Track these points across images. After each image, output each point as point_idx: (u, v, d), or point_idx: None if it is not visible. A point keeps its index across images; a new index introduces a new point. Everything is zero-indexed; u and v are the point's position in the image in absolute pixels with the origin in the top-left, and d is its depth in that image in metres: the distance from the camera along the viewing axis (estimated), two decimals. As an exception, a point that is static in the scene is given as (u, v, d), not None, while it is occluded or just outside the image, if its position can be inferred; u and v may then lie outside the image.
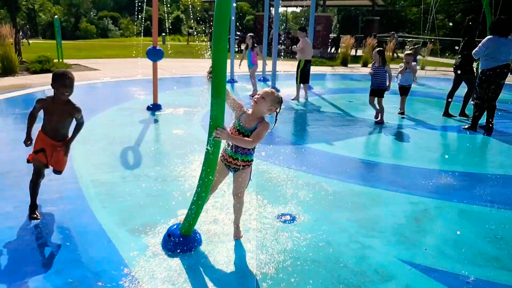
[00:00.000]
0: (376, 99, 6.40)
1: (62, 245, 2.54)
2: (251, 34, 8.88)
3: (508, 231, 2.96)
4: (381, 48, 6.72)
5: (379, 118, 6.47)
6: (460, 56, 6.86)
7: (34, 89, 8.43)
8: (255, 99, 2.46)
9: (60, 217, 2.92)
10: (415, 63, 7.21)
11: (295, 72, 8.40)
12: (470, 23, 6.72)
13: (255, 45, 8.49)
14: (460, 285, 2.29)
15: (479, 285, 2.30)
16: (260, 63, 8.95)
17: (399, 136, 6.02)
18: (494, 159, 5.06)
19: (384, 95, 6.39)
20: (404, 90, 7.09)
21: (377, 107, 6.44)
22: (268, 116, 2.54)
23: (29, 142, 2.88)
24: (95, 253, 2.46)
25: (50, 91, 2.93)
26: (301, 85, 8.38)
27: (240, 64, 8.82)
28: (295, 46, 8.43)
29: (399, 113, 7.09)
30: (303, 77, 8.31)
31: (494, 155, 5.26)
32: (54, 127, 2.90)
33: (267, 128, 2.44)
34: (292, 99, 8.25)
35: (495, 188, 3.84)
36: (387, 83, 6.33)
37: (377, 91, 6.36)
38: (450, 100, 7.13)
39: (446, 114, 7.21)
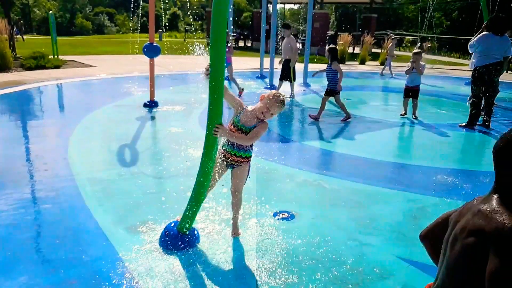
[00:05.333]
0: (332, 98, 6.27)
1: (58, 244, 2.51)
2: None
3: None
4: (333, 46, 6.40)
5: (344, 117, 6.33)
6: None
7: (28, 85, 8.34)
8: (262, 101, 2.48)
9: (56, 215, 2.89)
10: (423, 63, 6.66)
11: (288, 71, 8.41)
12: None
13: (228, 42, 8.44)
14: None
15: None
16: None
17: (396, 134, 6.03)
18: (491, 156, 5.07)
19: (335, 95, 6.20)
20: (408, 92, 6.64)
21: (342, 103, 6.29)
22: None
23: None
24: (92, 251, 2.43)
25: (45, 88, 2.87)
26: (294, 82, 8.45)
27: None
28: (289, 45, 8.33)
29: (401, 115, 6.73)
30: (286, 74, 8.32)
31: (491, 152, 5.27)
32: None
33: (266, 128, 2.46)
34: (288, 97, 8.29)
35: (491, 185, 3.85)
36: (338, 84, 6.10)
37: (329, 91, 6.22)
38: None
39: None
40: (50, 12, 13.64)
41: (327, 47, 6.28)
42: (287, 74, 8.32)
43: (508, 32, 5.97)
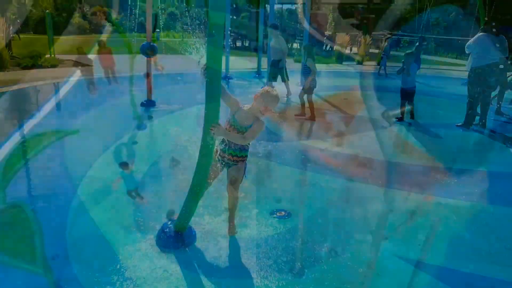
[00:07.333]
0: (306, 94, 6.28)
1: (55, 243, 2.51)
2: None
3: (501, 226, 3.00)
4: (309, 43, 6.47)
5: (300, 113, 6.33)
6: None
7: (25, 84, 8.30)
8: (255, 97, 2.48)
9: (53, 214, 2.88)
10: (415, 64, 6.46)
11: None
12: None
13: None
14: (454, 280, 2.31)
15: (472, 280, 2.32)
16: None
17: (393, 133, 6.04)
18: (487, 156, 5.12)
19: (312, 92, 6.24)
20: (403, 94, 6.48)
21: (303, 100, 6.31)
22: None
23: None
24: (89, 250, 2.43)
25: (42, 87, 2.86)
26: (289, 81, 8.47)
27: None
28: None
29: (396, 118, 6.46)
30: (276, 74, 8.31)
31: (487, 152, 5.31)
32: None
33: (262, 127, 2.47)
34: (285, 96, 8.31)
35: (487, 184, 3.88)
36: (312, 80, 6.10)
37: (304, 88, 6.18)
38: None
39: (498, 112, 7.25)
40: (47, 11, 13.58)
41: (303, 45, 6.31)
42: (276, 74, 8.31)
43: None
